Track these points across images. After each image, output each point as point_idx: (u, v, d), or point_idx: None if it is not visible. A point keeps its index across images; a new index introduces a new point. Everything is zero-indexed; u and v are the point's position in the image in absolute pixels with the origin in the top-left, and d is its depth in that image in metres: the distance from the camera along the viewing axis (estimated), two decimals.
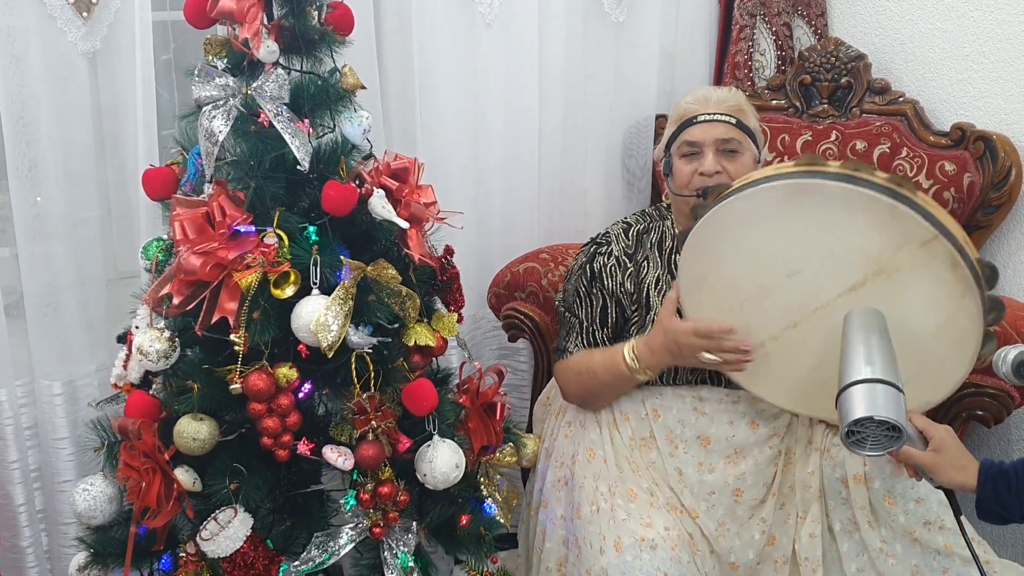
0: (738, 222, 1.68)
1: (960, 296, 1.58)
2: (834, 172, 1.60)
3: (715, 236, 1.71)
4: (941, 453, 1.55)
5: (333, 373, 1.69)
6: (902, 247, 1.58)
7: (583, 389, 1.98)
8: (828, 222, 1.61)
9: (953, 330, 1.61)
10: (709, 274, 1.74)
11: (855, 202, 1.58)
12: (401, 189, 1.73)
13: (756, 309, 1.73)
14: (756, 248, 1.68)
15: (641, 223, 2.07)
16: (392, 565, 1.71)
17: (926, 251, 1.57)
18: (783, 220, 1.64)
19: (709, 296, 1.76)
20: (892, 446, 1.48)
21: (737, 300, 1.73)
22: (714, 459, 1.90)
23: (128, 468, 1.63)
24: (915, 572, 1.81)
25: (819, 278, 1.66)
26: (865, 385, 1.48)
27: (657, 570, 1.71)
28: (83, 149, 2.05)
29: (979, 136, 2.40)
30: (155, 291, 1.67)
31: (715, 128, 1.93)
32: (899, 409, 1.46)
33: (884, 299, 1.62)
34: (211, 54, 1.67)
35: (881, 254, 1.60)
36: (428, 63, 2.40)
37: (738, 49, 2.77)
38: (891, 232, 1.58)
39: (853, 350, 1.56)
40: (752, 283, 1.72)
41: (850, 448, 1.49)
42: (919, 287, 1.60)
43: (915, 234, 1.56)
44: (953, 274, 1.57)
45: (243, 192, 1.65)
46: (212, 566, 1.70)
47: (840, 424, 1.48)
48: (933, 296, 1.60)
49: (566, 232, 2.73)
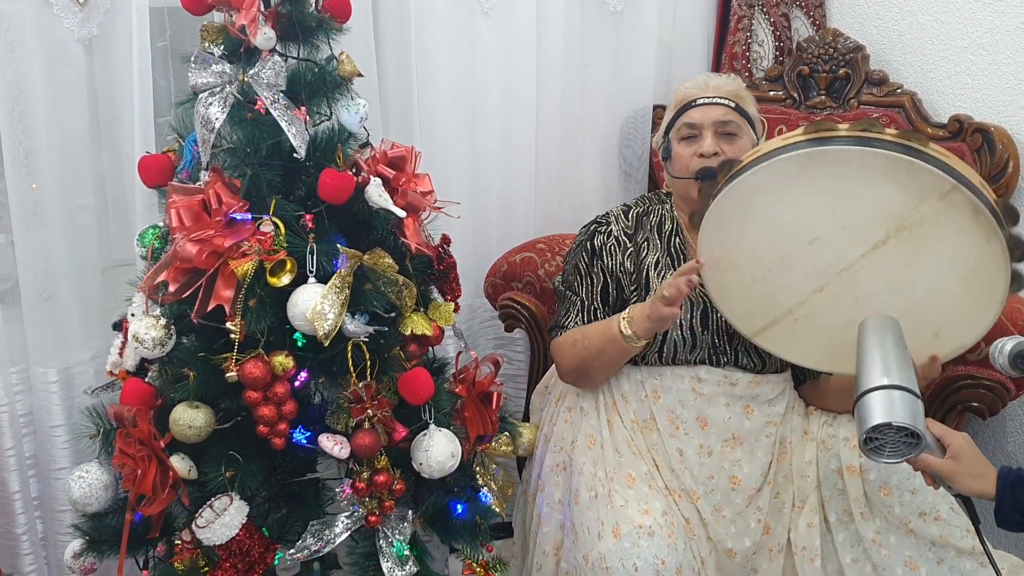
0: (754, 196, 1.68)
1: (985, 241, 1.58)
2: (845, 136, 1.60)
3: (731, 213, 1.71)
4: (959, 460, 1.53)
5: (329, 362, 1.68)
6: (923, 201, 1.58)
7: (577, 359, 1.96)
8: (845, 185, 1.61)
9: (981, 275, 1.62)
10: (729, 251, 1.75)
11: (870, 163, 1.58)
12: (398, 178, 1.73)
13: (780, 279, 1.73)
14: (774, 220, 1.69)
15: (641, 206, 2.07)
16: (387, 554, 1.72)
17: (946, 202, 1.57)
18: (799, 189, 1.65)
19: (730, 272, 1.76)
20: (910, 453, 1.47)
21: (760, 272, 1.74)
22: (712, 441, 1.90)
23: (124, 456, 1.63)
24: (909, 562, 1.81)
25: (841, 241, 1.67)
26: (883, 392, 1.47)
27: (655, 557, 1.72)
28: (79, 136, 2.05)
29: (977, 128, 2.40)
30: (151, 278, 1.67)
31: (714, 110, 1.94)
32: (917, 415, 1.45)
33: (909, 254, 1.63)
34: (208, 41, 1.67)
35: (902, 210, 1.60)
36: (426, 52, 2.40)
37: (736, 40, 2.76)
38: (909, 188, 1.58)
39: (869, 358, 1.56)
40: (773, 254, 1.72)
41: (868, 455, 1.49)
42: (944, 238, 1.60)
43: (934, 187, 1.56)
44: (976, 221, 1.57)
45: (239, 180, 1.65)
46: (208, 554, 1.69)
47: (858, 431, 1.48)
48: (958, 245, 1.60)
49: (563, 222, 2.73)
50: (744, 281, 1.76)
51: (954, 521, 1.83)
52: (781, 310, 1.76)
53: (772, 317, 1.77)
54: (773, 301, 1.76)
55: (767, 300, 1.76)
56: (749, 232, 1.72)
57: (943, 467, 1.54)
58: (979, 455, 1.56)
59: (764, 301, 1.76)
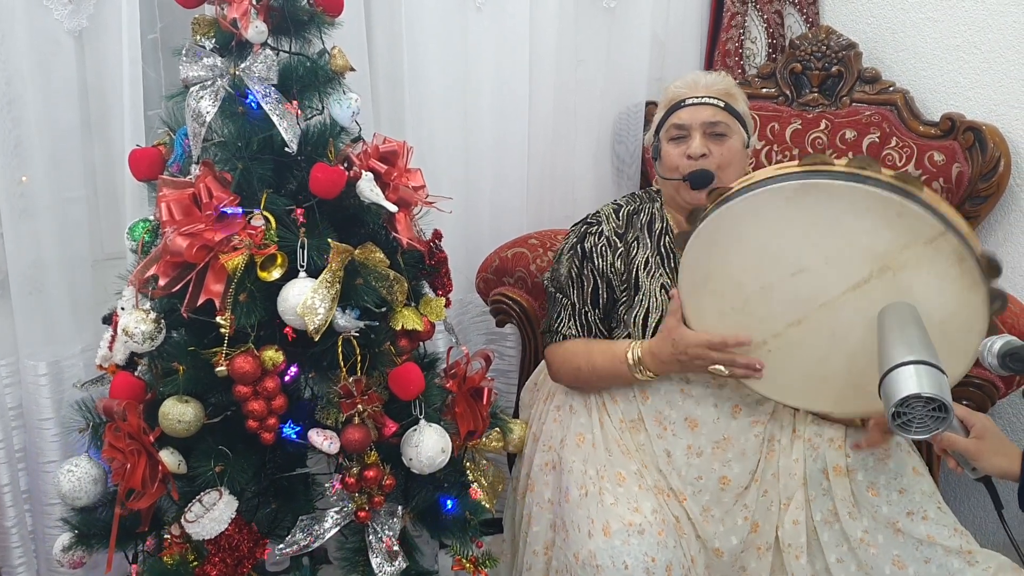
0: (741, 223, 1.67)
1: (967, 290, 1.58)
2: (841, 171, 1.60)
3: (717, 238, 1.70)
4: (984, 440, 1.55)
5: (319, 356, 1.68)
6: (909, 245, 1.58)
7: (577, 379, 1.99)
8: (834, 221, 1.61)
9: (958, 323, 1.61)
10: (711, 276, 1.74)
11: (862, 201, 1.58)
12: (390, 172, 1.72)
13: (759, 309, 1.72)
14: (760, 248, 1.68)
15: (631, 204, 2.07)
16: (377, 549, 1.72)
17: (932, 247, 1.57)
18: (788, 220, 1.64)
19: (711, 298, 1.75)
20: (939, 427, 1.46)
21: (740, 300, 1.73)
22: (701, 442, 1.90)
23: (113, 449, 1.62)
24: (896, 562, 1.82)
25: (824, 276, 1.66)
26: (910, 366, 1.46)
27: (644, 555, 1.72)
28: (69, 128, 2.04)
29: (968, 126, 2.40)
30: (141, 272, 1.66)
31: (703, 111, 1.94)
32: (944, 388, 1.45)
33: (890, 295, 1.63)
34: (199, 34, 1.66)
35: (887, 252, 1.60)
36: (418, 46, 2.39)
37: (729, 36, 2.76)
38: (898, 230, 1.58)
39: (893, 338, 1.55)
40: (756, 282, 1.71)
41: (896, 431, 1.48)
42: (925, 283, 1.60)
43: (922, 231, 1.57)
44: (960, 269, 1.57)
45: (230, 173, 1.64)
46: (197, 548, 1.70)
47: (886, 407, 1.47)
48: (939, 291, 1.60)
49: (555, 217, 2.73)
50: (723, 309, 1.75)
51: (941, 520, 1.83)
52: (756, 341, 1.75)
53: (746, 348, 1.76)
54: (749, 331, 1.74)
55: (743, 330, 1.74)
56: (733, 259, 1.71)
57: (968, 446, 1.55)
58: (1002, 435, 1.58)
59: (740, 331, 1.74)
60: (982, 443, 1.55)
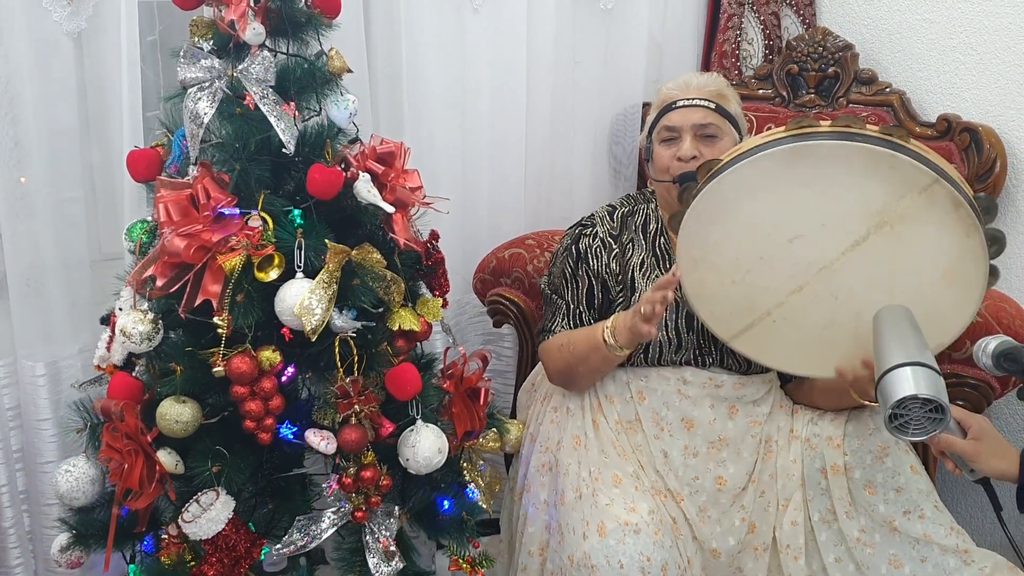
0: (733, 195, 1.68)
1: (965, 236, 1.59)
2: (828, 131, 1.60)
3: (711, 213, 1.71)
4: (981, 441, 1.55)
5: (316, 357, 1.69)
6: (904, 195, 1.59)
7: (563, 364, 1.98)
8: (826, 182, 1.62)
9: (960, 271, 1.62)
10: (708, 252, 1.74)
11: (853, 158, 1.58)
12: (387, 173, 1.73)
13: (759, 280, 1.73)
14: (754, 219, 1.68)
15: (626, 206, 2.08)
16: (374, 549, 1.72)
17: (927, 196, 1.58)
18: (780, 185, 1.64)
19: (710, 274, 1.76)
20: (935, 429, 1.47)
21: (740, 273, 1.73)
22: (698, 443, 1.91)
23: (111, 450, 1.63)
24: (893, 561, 1.82)
25: (821, 239, 1.67)
26: (906, 368, 1.47)
27: (640, 554, 1.72)
28: (68, 129, 2.04)
29: (965, 127, 2.40)
30: (139, 273, 1.67)
31: (693, 113, 1.94)
32: (941, 390, 1.45)
33: (889, 250, 1.63)
34: (197, 35, 1.66)
35: (884, 205, 1.61)
36: (416, 47, 2.39)
37: (726, 38, 2.77)
38: (891, 182, 1.59)
39: (888, 340, 1.56)
40: (753, 254, 1.72)
41: (893, 433, 1.49)
42: (924, 233, 1.61)
43: (916, 180, 1.57)
44: (956, 215, 1.58)
45: (228, 175, 1.65)
46: (194, 548, 1.70)
47: (882, 409, 1.48)
48: (938, 239, 1.61)
49: (552, 218, 2.73)
50: (723, 283, 1.75)
51: (938, 519, 1.84)
52: (759, 312, 1.75)
53: (750, 320, 1.77)
54: (752, 303, 1.75)
55: (746, 302, 1.75)
56: (729, 231, 1.71)
57: (966, 447, 1.55)
58: (1000, 436, 1.58)
59: (742, 303, 1.75)
60: (980, 444, 1.55)
